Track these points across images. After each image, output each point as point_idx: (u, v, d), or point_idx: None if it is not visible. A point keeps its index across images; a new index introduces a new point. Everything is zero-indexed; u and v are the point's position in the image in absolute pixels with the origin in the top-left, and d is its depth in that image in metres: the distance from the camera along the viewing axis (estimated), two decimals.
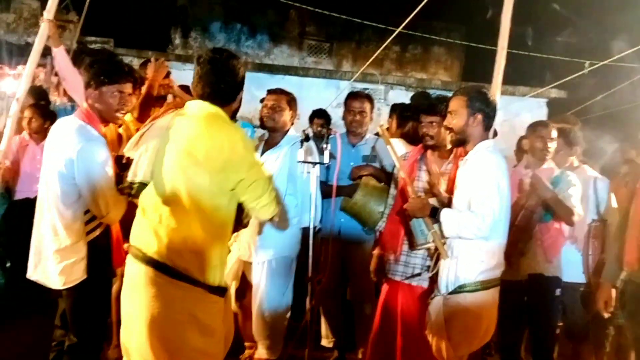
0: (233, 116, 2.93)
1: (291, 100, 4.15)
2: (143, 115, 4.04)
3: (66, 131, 3.07)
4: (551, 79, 7.93)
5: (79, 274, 3.03)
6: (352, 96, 4.54)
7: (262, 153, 4.05)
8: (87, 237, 3.06)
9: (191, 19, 12.51)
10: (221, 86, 2.70)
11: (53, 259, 3.04)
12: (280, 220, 3.67)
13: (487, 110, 3.12)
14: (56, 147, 3.08)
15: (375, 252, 3.82)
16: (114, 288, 3.52)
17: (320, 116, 5.59)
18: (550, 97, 10.14)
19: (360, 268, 4.20)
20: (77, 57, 7.67)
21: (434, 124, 3.57)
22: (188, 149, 2.59)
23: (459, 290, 3.05)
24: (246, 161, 2.64)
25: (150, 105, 4.13)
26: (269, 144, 4.12)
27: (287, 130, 4.12)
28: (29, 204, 3.65)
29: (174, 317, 2.59)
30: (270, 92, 4.20)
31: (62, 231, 3.02)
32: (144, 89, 4.10)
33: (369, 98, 4.53)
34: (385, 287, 3.73)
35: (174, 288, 2.58)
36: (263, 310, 4.01)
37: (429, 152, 3.67)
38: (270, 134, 4.13)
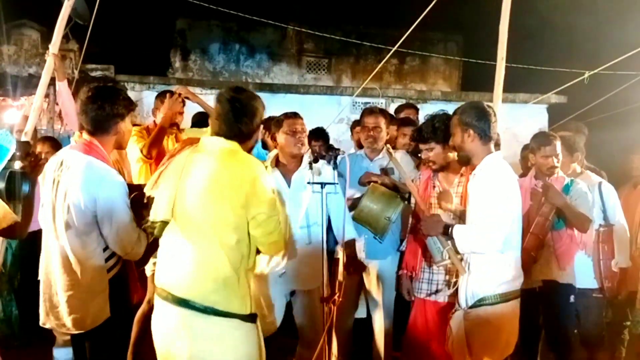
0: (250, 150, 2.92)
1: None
2: (151, 152, 4.12)
3: (77, 168, 2.96)
4: (551, 85, 7.96)
5: (101, 314, 2.99)
6: (367, 112, 4.51)
7: (286, 179, 3.77)
8: (108, 274, 3.01)
9: (190, 41, 12.60)
10: (239, 126, 2.74)
11: (71, 304, 2.97)
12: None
13: (478, 125, 3.16)
14: (66, 185, 2.95)
15: (400, 272, 3.87)
16: (139, 311, 3.51)
17: (318, 136, 5.52)
18: (551, 102, 10.16)
19: (382, 284, 4.23)
20: (79, 86, 7.76)
21: (431, 149, 3.63)
22: (210, 185, 2.63)
23: (478, 304, 3.09)
24: (265, 195, 2.67)
25: (160, 143, 4.17)
26: (288, 170, 3.82)
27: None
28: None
29: (217, 354, 2.62)
30: (292, 116, 3.83)
31: (81, 273, 2.95)
32: (158, 124, 4.15)
33: (383, 113, 4.51)
34: (413, 305, 3.79)
35: (210, 325, 2.61)
36: None
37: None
38: (290, 160, 3.84)
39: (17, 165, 2.67)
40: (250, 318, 2.71)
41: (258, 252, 2.80)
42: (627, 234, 4.38)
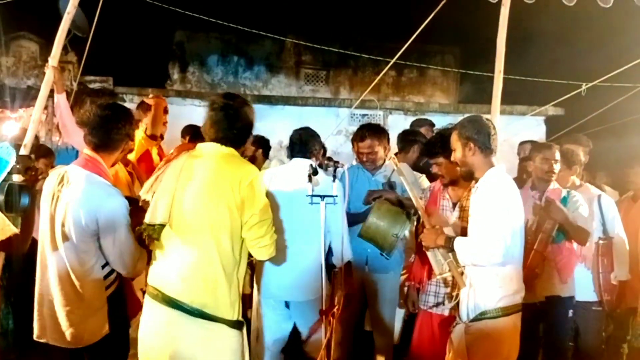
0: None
1: None
2: (155, 132, 4.61)
3: (78, 184, 2.91)
4: (548, 97, 7.98)
5: (99, 331, 2.95)
6: (359, 138, 4.43)
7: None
8: (107, 291, 2.97)
9: (188, 53, 12.62)
10: (233, 131, 2.82)
11: (69, 319, 2.93)
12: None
13: (478, 138, 3.15)
14: (66, 201, 2.89)
15: (407, 283, 3.88)
16: None
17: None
18: (548, 114, 10.18)
19: (383, 298, 4.21)
20: (78, 98, 7.76)
21: (439, 164, 3.67)
22: (208, 187, 2.69)
23: (479, 317, 3.08)
24: (259, 200, 2.73)
25: (160, 125, 4.64)
26: None
27: None
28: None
29: (198, 357, 2.65)
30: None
31: (80, 289, 2.91)
32: (153, 109, 4.56)
33: (376, 134, 4.42)
34: (419, 317, 3.79)
35: (196, 327, 2.64)
36: None
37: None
38: None
39: (17, 178, 2.66)
40: (237, 324, 2.74)
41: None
42: (627, 247, 4.37)
